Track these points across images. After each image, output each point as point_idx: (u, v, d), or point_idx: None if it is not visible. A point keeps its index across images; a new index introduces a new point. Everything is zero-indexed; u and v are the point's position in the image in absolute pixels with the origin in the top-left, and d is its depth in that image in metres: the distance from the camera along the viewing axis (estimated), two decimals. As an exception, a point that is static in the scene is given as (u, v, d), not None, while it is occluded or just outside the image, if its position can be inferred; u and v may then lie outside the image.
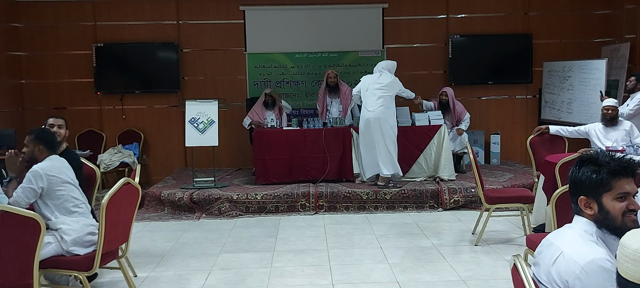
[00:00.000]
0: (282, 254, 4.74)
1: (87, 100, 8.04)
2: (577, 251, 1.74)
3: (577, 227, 1.85)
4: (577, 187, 1.86)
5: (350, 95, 7.06)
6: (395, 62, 6.70)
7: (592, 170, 1.82)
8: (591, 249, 1.73)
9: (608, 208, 1.79)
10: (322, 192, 6.24)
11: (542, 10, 8.13)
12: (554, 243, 1.84)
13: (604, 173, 1.79)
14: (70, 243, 3.42)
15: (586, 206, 1.84)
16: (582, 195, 1.84)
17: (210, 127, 6.58)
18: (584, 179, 1.83)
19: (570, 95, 7.43)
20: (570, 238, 1.81)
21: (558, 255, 1.78)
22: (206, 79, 8.15)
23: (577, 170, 1.87)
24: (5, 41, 7.59)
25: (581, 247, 1.75)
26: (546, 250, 1.86)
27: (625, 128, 5.19)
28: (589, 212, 1.83)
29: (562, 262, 1.75)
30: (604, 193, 1.80)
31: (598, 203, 1.81)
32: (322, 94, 7.16)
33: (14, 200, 3.35)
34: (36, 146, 3.54)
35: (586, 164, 1.85)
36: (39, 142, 3.54)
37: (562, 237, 1.85)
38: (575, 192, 1.88)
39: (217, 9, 8.04)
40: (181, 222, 5.96)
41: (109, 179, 7.43)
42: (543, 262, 1.85)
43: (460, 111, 7.30)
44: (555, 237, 1.88)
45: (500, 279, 4.04)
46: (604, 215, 1.80)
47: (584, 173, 1.83)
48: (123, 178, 3.58)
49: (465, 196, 6.20)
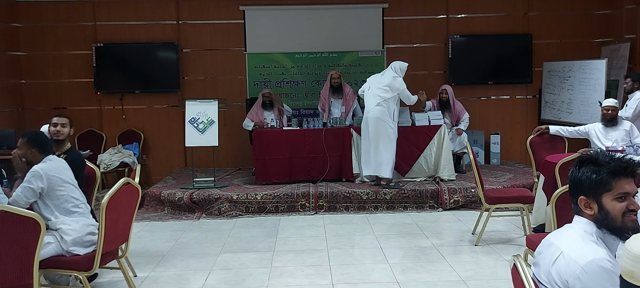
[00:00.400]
0: (282, 254, 4.74)
1: (87, 100, 8.04)
2: (577, 251, 1.74)
3: (577, 227, 1.85)
4: (577, 187, 1.87)
5: (353, 97, 7.10)
6: (407, 64, 6.45)
7: (592, 170, 1.82)
8: (591, 249, 1.73)
9: (608, 208, 1.79)
10: (322, 192, 6.24)
11: (542, 11, 8.13)
12: (553, 244, 1.84)
13: (604, 173, 1.79)
14: (71, 243, 3.42)
15: (586, 206, 1.84)
16: (582, 195, 1.84)
17: (210, 127, 6.58)
18: (584, 179, 1.83)
19: (570, 95, 7.43)
20: (570, 239, 1.81)
21: (558, 255, 1.78)
22: (206, 79, 8.15)
23: (577, 170, 1.87)
24: (5, 41, 7.59)
25: (581, 247, 1.75)
26: (546, 250, 1.86)
27: (625, 128, 5.20)
28: (588, 212, 1.83)
29: (562, 262, 1.76)
30: (604, 194, 1.80)
31: (598, 203, 1.81)
32: (326, 94, 7.18)
33: (13, 200, 3.35)
34: (29, 149, 3.51)
35: (586, 164, 1.84)
36: (31, 145, 3.51)
37: (562, 237, 1.85)
38: (575, 192, 1.88)
39: (217, 9, 8.04)
40: (181, 222, 5.96)
41: (109, 179, 7.43)
42: (543, 262, 1.85)
43: (460, 110, 7.32)
44: (555, 237, 1.88)
45: (500, 279, 4.04)
46: (604, 215, 1.80)
47: (584, 174, 1.83)
48: (123, 179, 3.58)
49: (465, 196, 6.20)
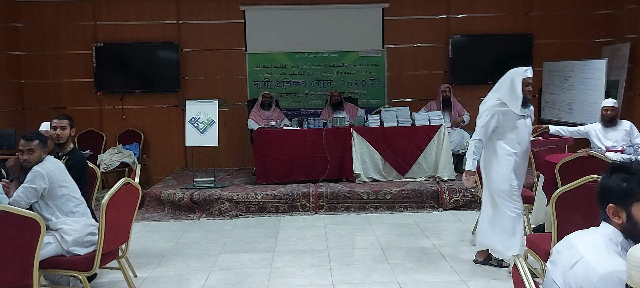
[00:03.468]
0: (282, 254, 4.74)
1: (87, 100, 8.04)
2: (597, 259, 1.70)
3: (602, 233, 1.81)
4: (606, 195, 1.82)
5: (355, 109, 7.41)
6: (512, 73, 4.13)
7: (623, 178, 1.77)
8: (613, 260, 1.69)
9: (637, 218, 1.74)
10: (322, 192, 6.23)
11: (542, 11, 8.12)
12: (575, 246, 1.80)
13: (635, 182, 1.74)
14: (71, 243, 3.43)
15: (614, 214, 1.79)
16: (611, 203, 1.80)
17: (211, 127, 6.58)
18: (614, 187, 1.79)
19: (571, 95, 7.42)
20: (592, 244, 1.77)
21: (578, 260, 1.74)
22: (206, 79, 8.15)
23: (607, 177, 1.82)
24: (5, 41, 7.59)
25: (603, 256, 1.72)
26: (566, 251, 1.82)
27: (625, 128, 5.19)
28: (617, 220, 1.79)
29: (581, 267, 1.72)
30: (633, 203, 1.75)
31: (627, 212, 1.76)
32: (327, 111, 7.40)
33: (14, 200, 3.36)
34: (42, 150, 3.55)
35: (617, 172, 1.80)
36: (43, 146, 3.56)
37: (585, 241, 1.81)
38: (604, 199, 1.83)
39: (217, 8, 8.04)
40: (181, 222, 5.96)
41: (109, 179, 7.43)
42: (560, 263, 1.81)
43: (460, 110, 7.43)
44: (577, 239, 1.84)
45: (500, 279, 4.03)
46: (632, 225, 1.75)
47: (614, 181, 1.79)
48: (123, 179, 3.59)
49: (466, 196, 6.20)
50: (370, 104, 8.07)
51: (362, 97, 8.10)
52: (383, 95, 8.18)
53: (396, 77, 8.20)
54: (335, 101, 7.38)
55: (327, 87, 8.04)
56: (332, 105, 7.38)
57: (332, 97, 7.43)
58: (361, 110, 7.48)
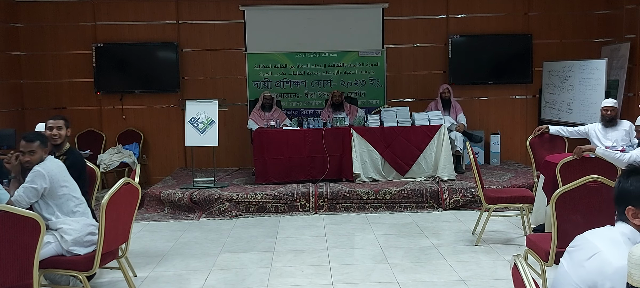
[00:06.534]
0: (282, 254, 4.74)
1: (87, 100, 8.04)
2: (614, 254, 1.73)
3: (619, 231, 1.84)
4: (624, 197, 1.86)
5: (355, 109, 7.38)
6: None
7: None
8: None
9: None
10: (322, 192, 6.24)
11: (542, 11, 8.13)
12: (591, 241, 1.83)
13: None
14: (71, 243, 3.43)
15: (634, 216, 1.83)
16: (629, 205, 1.84)
17: (210, 127, 6.58)
18: (632, 189, 1.82)
19: (570, 95, 7.43)
20: (610, 240, 1.81)
21: (595, 253, 1.77)
22: (206, 79, 8.15)
23: (625, 180, 1.86)
24: (5, 41, 7.59)
25: (620, 250, 1.74)
26: (584, 245, 1.85)
27: (624, 128, 5.20)
28: (636, 222, 1.83)
29: (597, 260, 1.75)
30: None
31: None
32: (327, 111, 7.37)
33: (15, 199, 3.36)
34: (43, 150, 3.55)
35: (635, 175, 1.84)
36: (45, 146, 3.56)
37: (603, 237, 1.84)
38: (622, 202, 1.87)
39: (217, 9, 8.04)
40: (181, 222, 5.96)
41: (109, 179, 7.43)
42: (576, 256, 1.84)
43: (458, 109, 7.44)
44: (594, 236, 1.87)
45: (500, 279, 4.04)
46: None
47: (633, 184, 1.83)
48: (123, 179, 3.59)
49: (465, 196, 6.20)
50: (369, 104, 8.08)
51: (361, 97, 8.11)
52: (382, 95, 8.18)
53: (396, 77, 8.20)
54: (336, 101, 7.38)
55: (327, 87, 8.05)
56: (333, 105, 7.38)
57: (333, 97, 7.43)
58: (361, 110, 7.49)
